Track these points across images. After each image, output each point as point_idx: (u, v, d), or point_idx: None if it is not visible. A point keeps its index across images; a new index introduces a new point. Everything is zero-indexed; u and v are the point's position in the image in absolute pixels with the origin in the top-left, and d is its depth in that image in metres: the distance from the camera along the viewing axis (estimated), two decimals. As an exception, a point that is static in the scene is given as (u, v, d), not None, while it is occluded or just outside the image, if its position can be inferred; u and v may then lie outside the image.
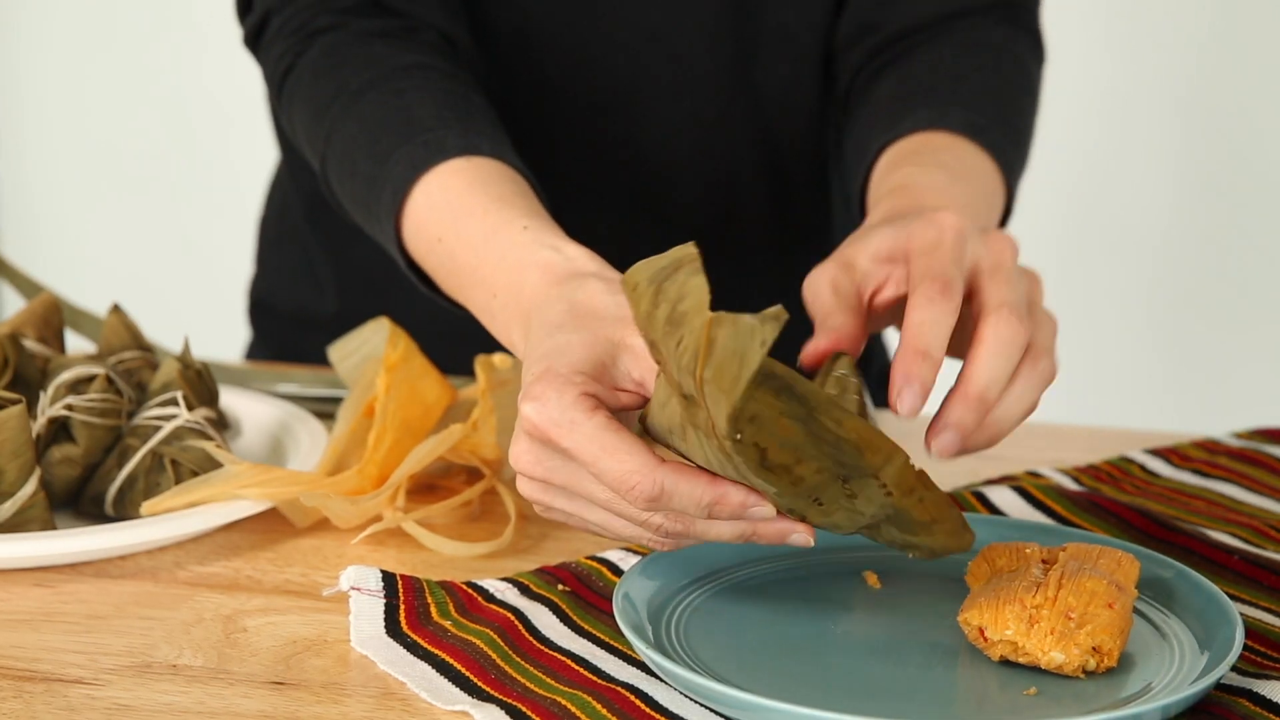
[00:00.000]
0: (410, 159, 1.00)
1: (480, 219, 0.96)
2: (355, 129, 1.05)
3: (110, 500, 1.00)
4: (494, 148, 1.01)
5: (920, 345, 0.81)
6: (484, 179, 0.99)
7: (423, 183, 1.00)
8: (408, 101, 1.04)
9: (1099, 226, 2.58)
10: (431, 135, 1.01)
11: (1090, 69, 2.52)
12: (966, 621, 0.81)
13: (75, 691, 0.80)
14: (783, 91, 1.25)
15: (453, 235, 0.97)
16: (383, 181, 1.01)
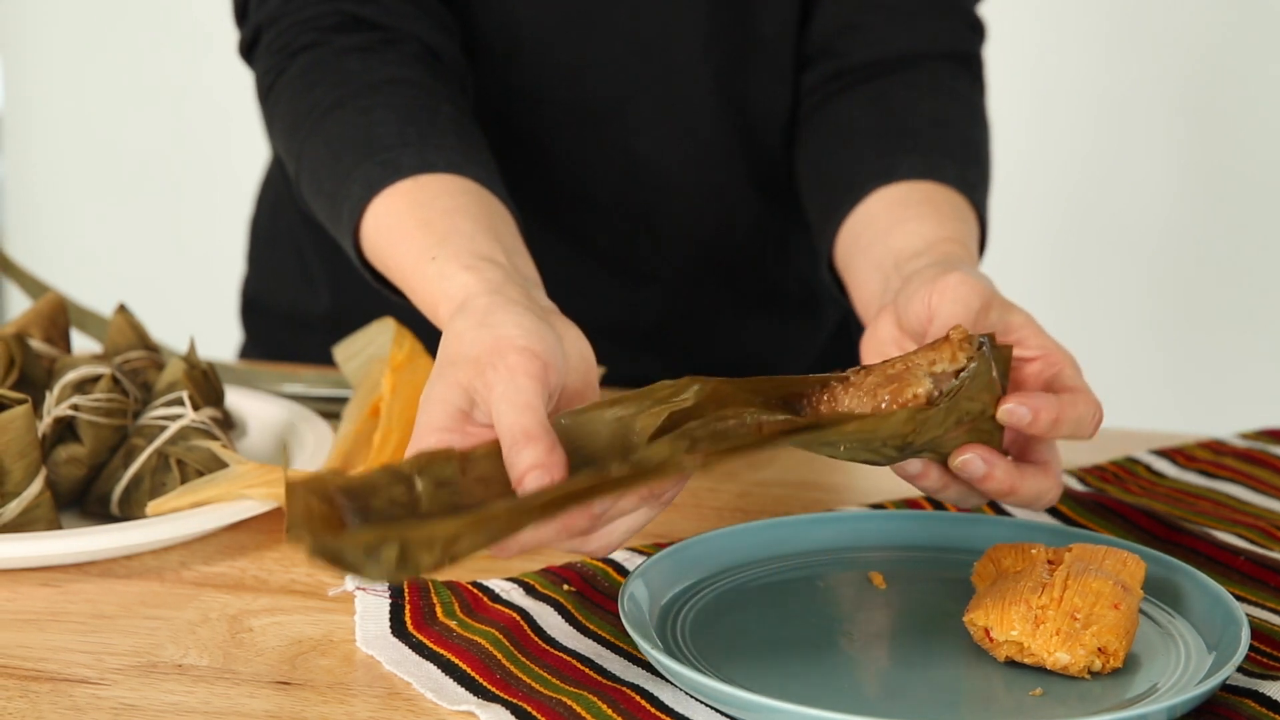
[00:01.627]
0: (366, 179, 1.02)
1: (407, 247, 0.98)
2: (322, 147, 1.07)
3: (116, 500, 1.00)
4: (449, 162, 1.02)
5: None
6: (424, 201, 1.00)
7: (373, 205, 1.01)
8: (372, 119, 1.05)
9: (1101, 226, 2.58)
10: (389, 155, 1.02)
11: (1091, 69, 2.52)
12: (972, 622, 0.81)
13: (81, 691, 0.80)
14: (768, 104, 1.25)
15: (392, 262, 1.00)
16: (342, 200, 1.03)
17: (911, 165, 1.09)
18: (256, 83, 1.16)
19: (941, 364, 0.84)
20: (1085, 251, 2.58)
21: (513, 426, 0.81)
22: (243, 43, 1.17)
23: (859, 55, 1.20)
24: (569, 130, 1.24)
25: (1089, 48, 2.53)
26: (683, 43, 1.21)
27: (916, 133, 1.13)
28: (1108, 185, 2.58)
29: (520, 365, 0.83)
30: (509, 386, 0.82)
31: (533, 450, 0.79)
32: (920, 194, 1.08)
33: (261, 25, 1.14)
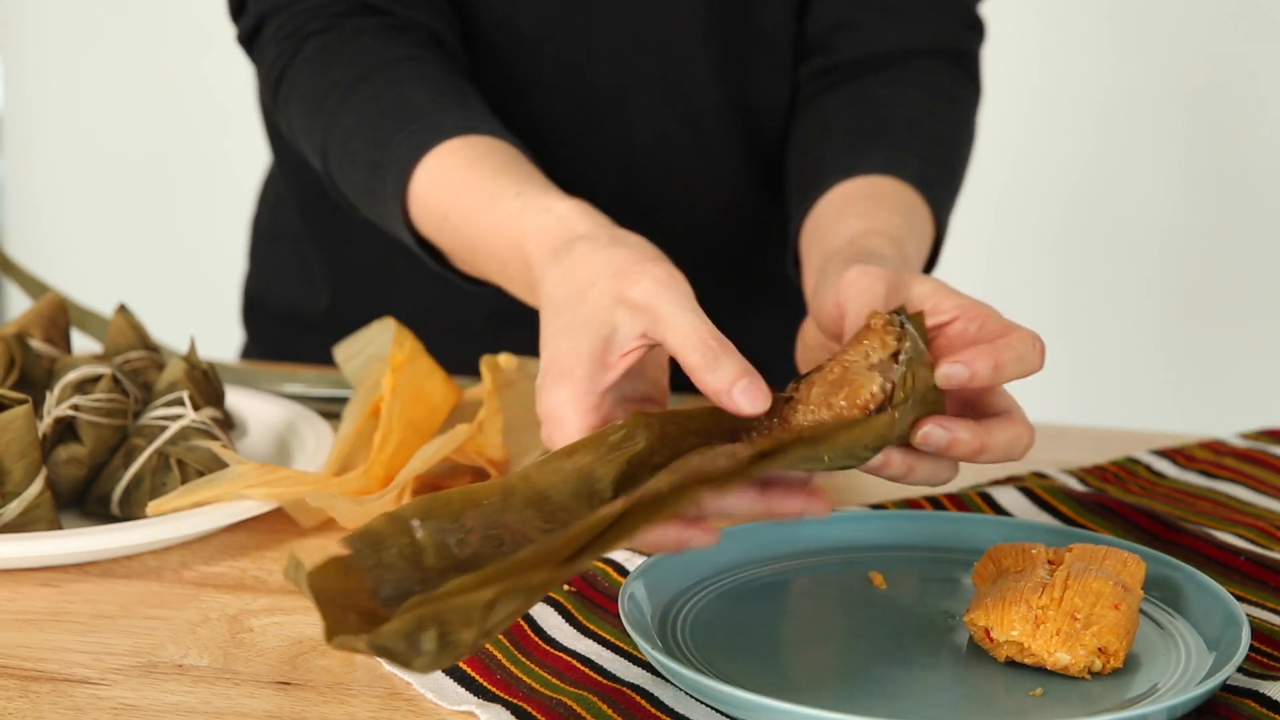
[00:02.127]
0: (412, 141, 1.03)
1: (478, 192, 0.98)
2: (353, 120, 1.08)
3: (116, 500, 1.00)
4: (491, 126, 1.04)
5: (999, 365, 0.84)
6: (481, 154, 1.01)
7: (424, 163, 1.02)
8: (404, 90, 1.07)
9: (1102, 226, 2.58)
10: (430, 118, 1.04)
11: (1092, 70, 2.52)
12: (972, 622, 0.81)
13: (81, 691, 0.80)
14: (767, 97, 1.26)
15: (456, 212, 1.00)
16: (386, 165, 1.03)
17: (872, 160, 1.09)
18: (263, 71, 1.16)
19: (876, 353, 0.83)
20: (1086, 252, 2.58)
21: (697, 330, 0.81)
22: (244, 33, 1.18)
23: (849, 51, 1.21)
24: (569, 122, 1.24)
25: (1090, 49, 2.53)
26: (681, 35, 1.22)
27: (888, 129, 1.13)
28: (1109, 186, 2.58)
29: (674, 273, 0.84)
30: (675, 291, 0.83)
31: (730, 358, 0.80)
32: (869, 189, 1.07)
33: (266, 14, 1.15)
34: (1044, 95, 2.51)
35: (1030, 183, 2.56)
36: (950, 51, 1.21)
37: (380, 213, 1.07)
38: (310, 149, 1.12)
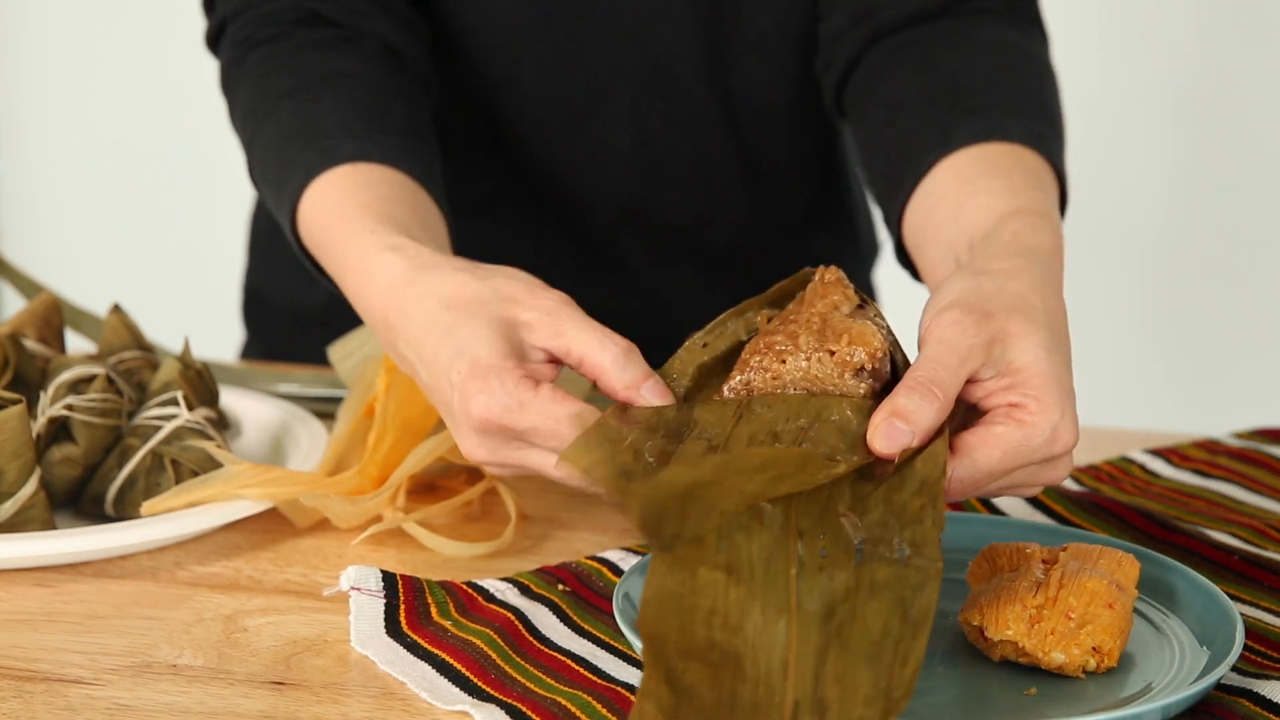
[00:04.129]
0: (306, 165, 1.03)
1: (341, 226, 0.98)
2: (271, 135, 1.07)
3: (110, 500, 1.00)
4: (387, 155, 1.03)
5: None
6: (360, 185, 1.00)
7: (310, 189, 1.02)
8: (320, 109, 1.06)
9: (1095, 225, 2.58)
10: (330, 142, 1.03)
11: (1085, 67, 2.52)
12: (967, 621, 0.81)
13: (75, 691, 0.80)
14: (757, 94, 1.25)
15: (326, 242, 1.00)
16: (284, 185, 1.04)
17: (971, 128, 1.02)
18: (220, 73, 1.17)
19: (844, 306, 0.84)
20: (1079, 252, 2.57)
21: (608, 335, 0.83)
22: (209, 34, 1.19)
23: (891, 10, 1.12)
24: (552, 122, 1.24)
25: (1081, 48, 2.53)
26: (663, 34, 1.21)
27: (970, 91, 1.05)
28: (1100, 186, 2.58)
29: (566, 299, 0.85)
30: (574, 308, 0.84)
31: (639, 359, 0.83)
32: (987, 161, 1.00)
33: (226, 18, 1.16)
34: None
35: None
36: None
37: (284, 229, 1.07)
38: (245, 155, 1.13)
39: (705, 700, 0.69)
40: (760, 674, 0.70)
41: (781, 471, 0.75)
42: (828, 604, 0.73)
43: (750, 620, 0.72)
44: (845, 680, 0.69)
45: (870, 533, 0.75)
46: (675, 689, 0.69)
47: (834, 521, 0.76)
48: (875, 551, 0.74)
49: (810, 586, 0.73)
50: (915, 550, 0.74)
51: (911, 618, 0.71)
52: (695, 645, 0.71)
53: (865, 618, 0.71)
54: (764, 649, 0.71)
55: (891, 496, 0.76)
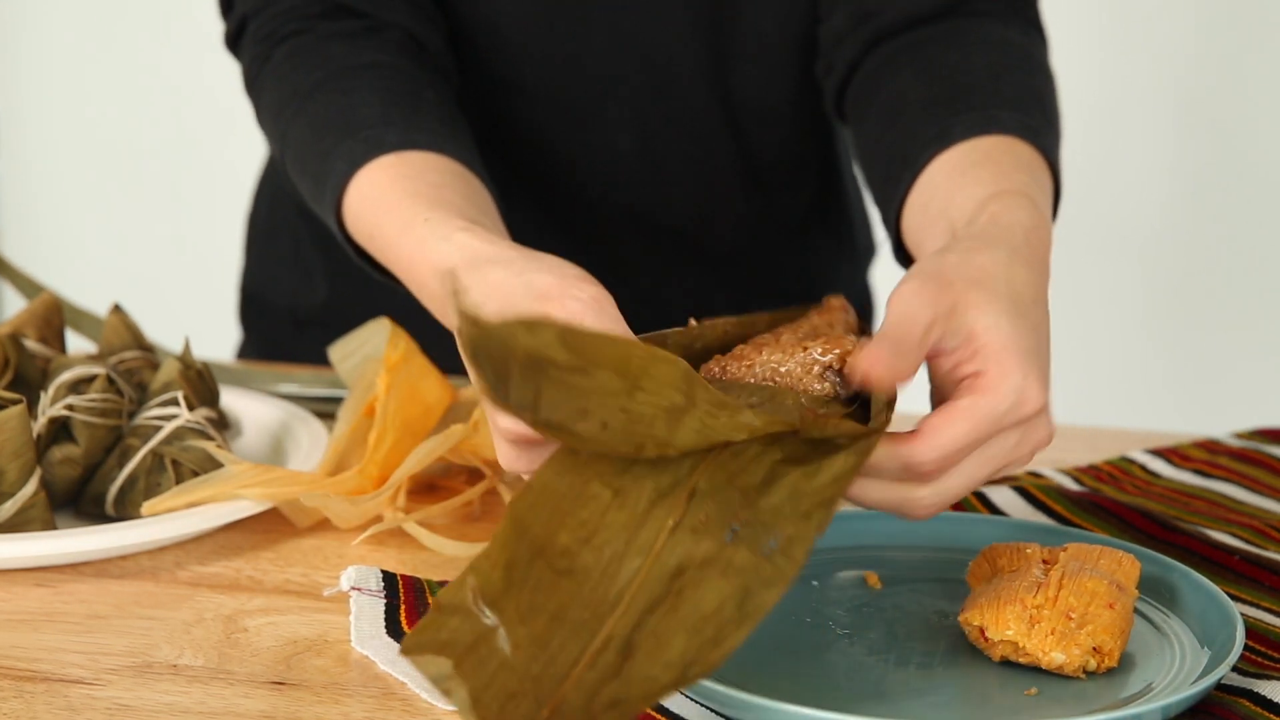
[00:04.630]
0: (349, 155, 1.02)
1: (395, 215, 0.97)
2: (305, 129, 1.07)
3: (111, 500, 1.00)
4: (432, 141, 1.03)
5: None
6: (409, 173, 1.00)
7: (357, 179, 1.02)
8: (354, 100, 1.06)
9: (1094, 225, 2.58)
10: (371, 132, 1.03)
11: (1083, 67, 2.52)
12: (967, 621, 0.81)
13: (76, 691, 0.80)
14: (757, 96, 1.25)
15: (378, 231, 0.99)
16: (325, 178, 1.03)
17: (967, 124, 1.02)
18: (243, 72, 1.16)
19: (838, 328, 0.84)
20: (1079, 251, 2.58)
21: None
22: (228, 34, 1.18)
23: (892, 12, 1.13)
24: (552, 122, 1.24)
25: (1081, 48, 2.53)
26: (664, 36, 1.21)
27: (970, 90, 1.06)
28: (1100, 185, 2.58)
29: (602, 296, 0.83)
30: (603, 313, 0.82)
31: None
32: (979, 152, 1.00)
33: (247, 15, 1.15)
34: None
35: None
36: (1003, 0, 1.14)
37: (327, 221, 1.06)
38: (274, 152, 1.13)
39: (532, 601, 0.72)
40: (593, 599, 0.72)
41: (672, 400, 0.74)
42: (681, 564, 0.73)
43: (611, 547, 0.74)
44: (660, 637, 0.71)
45: (755, 517, 0.75)
46: (510, 578, 0.72)
47: (729, 494, 0.76)
48: (748, 535, 0.74)
49: (676, 543, 0.74)
50: (784, 549, 0.74)
51: (746, 609, 0.72)
52: (551, 548, 0.73)
53: (705, 591, 0.72)
54: (609, 578, 0.73)
55: (801, 484, 0.76)
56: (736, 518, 0.75)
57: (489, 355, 0.69)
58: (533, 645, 0.71)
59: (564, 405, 0.72)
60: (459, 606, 0.73)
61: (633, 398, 0.73)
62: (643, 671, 0.70)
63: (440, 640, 0.71)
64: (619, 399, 0.73)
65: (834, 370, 0.82)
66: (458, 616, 0.72)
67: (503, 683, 0.71)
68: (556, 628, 0.72)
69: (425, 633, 0.72)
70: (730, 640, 0.71)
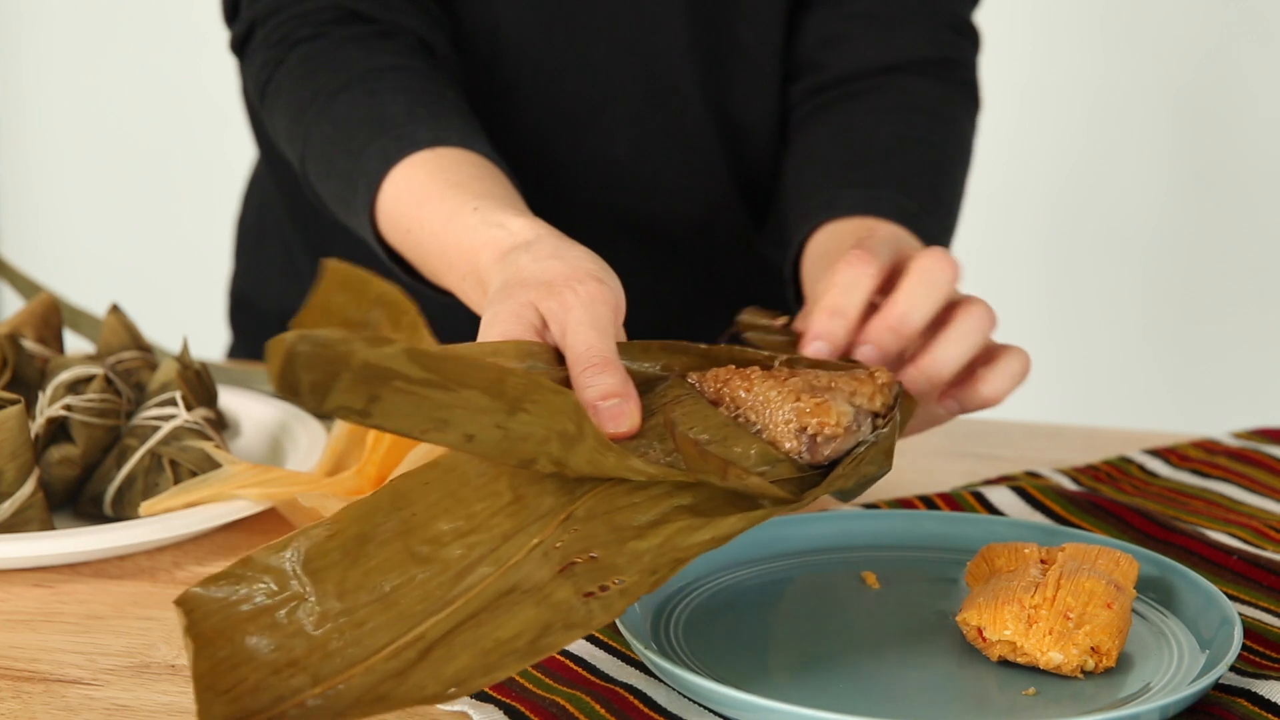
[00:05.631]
0: (382, 153, 1.03)
1: (439, 205, 0.98)
2: (330, 129, 1.08)
3: (109, 500, 1.00)
4: (462, 138, 1.04)
5: (834, 304, 0.89)
6: (447, 167, 1.01)
7: (392, 175, 1.02)
8: (380, 100, 1.07)
9: (1092, 225, 2.58)
10: (402, 130, 1.04)
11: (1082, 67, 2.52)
12: (965, 621, 0.81)
13: (74, 692, 0.80)
14: (749, 107, 1.26)
15: (418, 224, 1.00)
16: (357, 176, 1.04)
17: (850, 200, 1.10)
18: (251, 77, 1.17)
19: (861, 398, 0.83)
20: (1077, 251, 2.58)
21: (591, 349, 0.81)
22: (235, 39, 1.18)
23: (837, 68, 1.21)
24: (550, 131, 1.24)
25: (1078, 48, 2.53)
26: (662, 47, 1.22)
27: (864, 162, 1.14)
28: (1099, 185, 2.58)
29: (599, 293, 0.84)
30: (588, 311, 0.83)
31: (610, 376, 0.80)
32: (853, 232, 1.07)
33: (256, 20, 1.15)
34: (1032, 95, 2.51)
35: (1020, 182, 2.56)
36: (940, 62, 1.21)
37: (353, 222, 1.07)
38: (291, 154, 1.13)
39: (364, 580, 0.73)
40: (434, 593, 0.72)
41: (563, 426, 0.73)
42: (515, 584, 0.73)
43: (479, 549, 0.74)
44: (452, 650, 0.70)
45: (609, 557, 0.74)
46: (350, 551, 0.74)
47: (597, 528, 0.75)
48: (586, 572, 0.73)
49: (526, 562, 0.74)
50: (608, 598, 0.72)
51: (537, 645, 0.70)
52: (424, 531, 0.74)
53: (512, 617, 0.71)
54: (458, 579, 0.73)
55: (677, 538, 0.75)
56: (589, 552, 0.74)
57: (314, 365, 0.67)
58: (345, 622, 0.71)
59: (412, 415, 0.71)
60: (271, 569, 0.73)
61: (514, 417, 0.72)
62: (419, 678, 0.69)
63: (229, 597, 0.71)
64: (492, 416, 0.72)
65: (808, 435, 0.81)
66: (268, 576, 0.72)
67: (286, 650, 0.70)
68: (381, 611, 0.71)
69: (219, 581, 0.71)
70: (503, 671, 0.69)
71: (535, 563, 0.74)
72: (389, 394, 0.69)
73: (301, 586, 0.72)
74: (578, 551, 0.74)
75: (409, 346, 0.68)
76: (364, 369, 0.68)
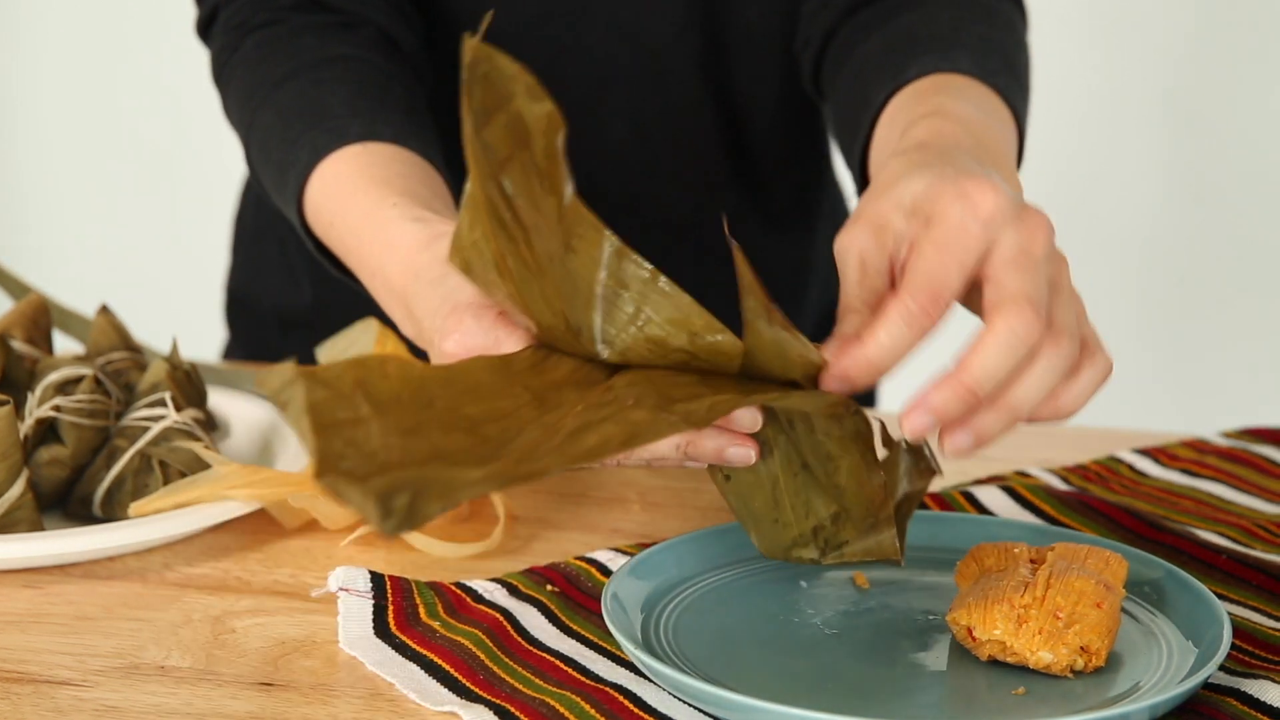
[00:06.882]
0: (313, 144, 1.03)
1: (360, 201, 0.98)
2: (272, 117, 1.08)
3: (98, 501, 1.00)
4: (396, 134, 1.03)
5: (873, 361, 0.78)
6: (374, 163, 1.01)
7: (320, 168, 1.02)
8: (322, 91, 1.06)
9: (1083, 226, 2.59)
10: (336, 122, 1.03)
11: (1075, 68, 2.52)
12: (955, 621, 0.81)
13: (63, 693, 0.80)
14: (748, 87, 1.25)
15: (339, 218, 1.00)
16: (289, 166, 1.04)
17: (920, 65, 1.02)
18: (211, 60, 1.17)
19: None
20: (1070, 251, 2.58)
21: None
22: (200, 21, 1.19)
23: None
24: None
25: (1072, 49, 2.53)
26: (659, 28, 1.22)
27: (930, 38, 1.06)
28: (1092, 186, 2.58)
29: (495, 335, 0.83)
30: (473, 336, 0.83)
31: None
32: (929, 84, 1.00)
33: (219, 4, 1.16)
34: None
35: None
36: None
37: (287, 212, 1.06)
38: (240, 140, 1.13)
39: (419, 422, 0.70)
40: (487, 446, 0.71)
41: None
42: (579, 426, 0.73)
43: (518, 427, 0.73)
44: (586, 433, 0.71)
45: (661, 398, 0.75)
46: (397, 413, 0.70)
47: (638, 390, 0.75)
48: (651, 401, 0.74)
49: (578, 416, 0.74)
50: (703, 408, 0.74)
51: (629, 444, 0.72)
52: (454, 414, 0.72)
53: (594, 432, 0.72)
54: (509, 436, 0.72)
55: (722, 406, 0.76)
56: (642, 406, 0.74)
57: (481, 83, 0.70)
58: (405, 458, 0.69)
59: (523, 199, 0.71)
60: (333, 385, 0.70)
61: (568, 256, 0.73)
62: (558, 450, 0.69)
63: (308, 398, 0.68)
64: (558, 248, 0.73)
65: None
66: (331, 392, 0.69)
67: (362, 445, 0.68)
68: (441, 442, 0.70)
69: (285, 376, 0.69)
70: (598, 453, 0.69)
71: (591, 412, 0.73)
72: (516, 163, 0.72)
73: (363, 410, 0.70)
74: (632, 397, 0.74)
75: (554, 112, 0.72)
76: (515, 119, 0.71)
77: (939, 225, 0.79)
